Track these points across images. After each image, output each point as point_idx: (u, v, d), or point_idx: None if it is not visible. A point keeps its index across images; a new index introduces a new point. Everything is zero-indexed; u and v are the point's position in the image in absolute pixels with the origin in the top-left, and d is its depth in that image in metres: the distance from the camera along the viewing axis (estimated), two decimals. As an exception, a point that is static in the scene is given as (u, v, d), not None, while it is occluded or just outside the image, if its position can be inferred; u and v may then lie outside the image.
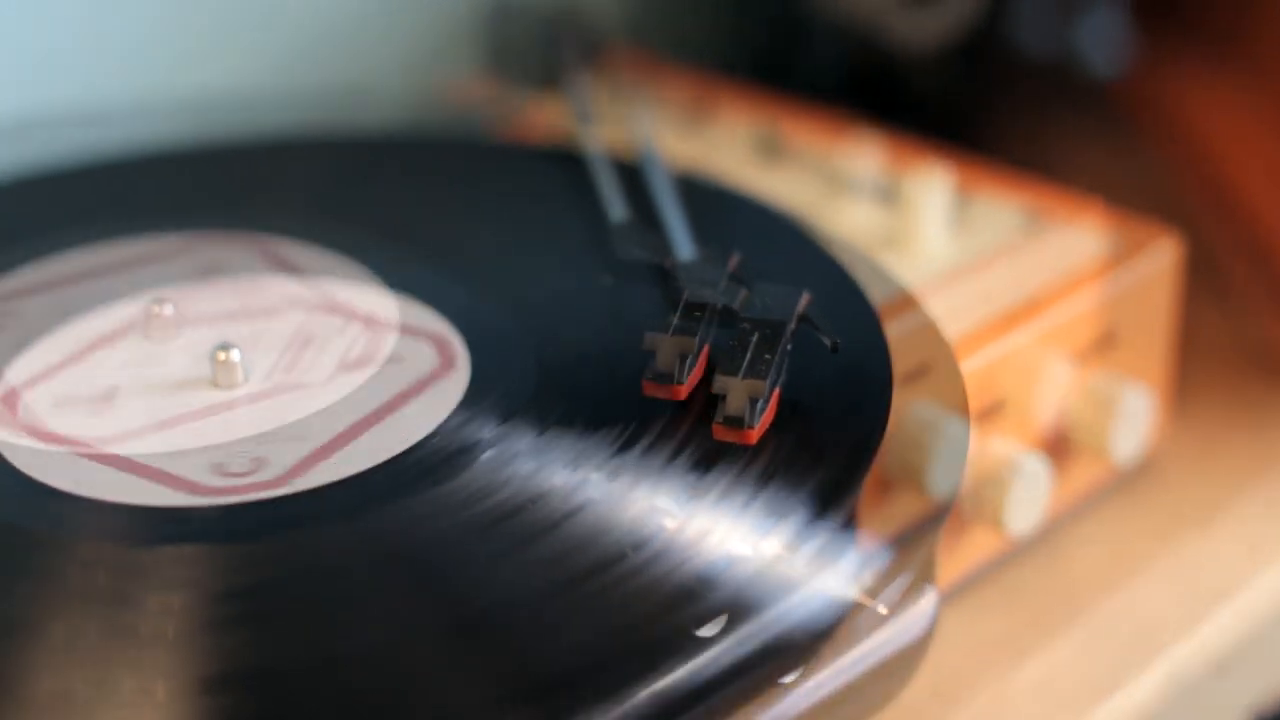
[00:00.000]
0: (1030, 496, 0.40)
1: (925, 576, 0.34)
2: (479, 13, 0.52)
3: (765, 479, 0.33)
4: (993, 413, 0.40)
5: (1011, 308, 0.41)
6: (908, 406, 0.40)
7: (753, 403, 0.34)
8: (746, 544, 0.32)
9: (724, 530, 0.32)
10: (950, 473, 0.39)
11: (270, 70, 0.58)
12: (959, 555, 0.41)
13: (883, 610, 0.32)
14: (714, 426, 0.34)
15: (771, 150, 0.47)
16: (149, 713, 0.29)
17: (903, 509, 0.41)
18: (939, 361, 0.39)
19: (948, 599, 0.41)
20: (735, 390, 0.34)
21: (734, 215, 0.43)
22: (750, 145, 0.48)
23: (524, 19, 0.50)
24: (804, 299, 0.36)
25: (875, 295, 0.39)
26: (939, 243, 0.44)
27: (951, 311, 0.40)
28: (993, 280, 0.42)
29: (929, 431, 0.39)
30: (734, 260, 0.36)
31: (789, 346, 0.35)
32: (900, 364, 0.37)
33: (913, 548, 0.34)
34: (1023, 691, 0.39)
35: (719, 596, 0.31)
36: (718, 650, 0.30)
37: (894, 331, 0.38)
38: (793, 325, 0.35)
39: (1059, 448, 0.42)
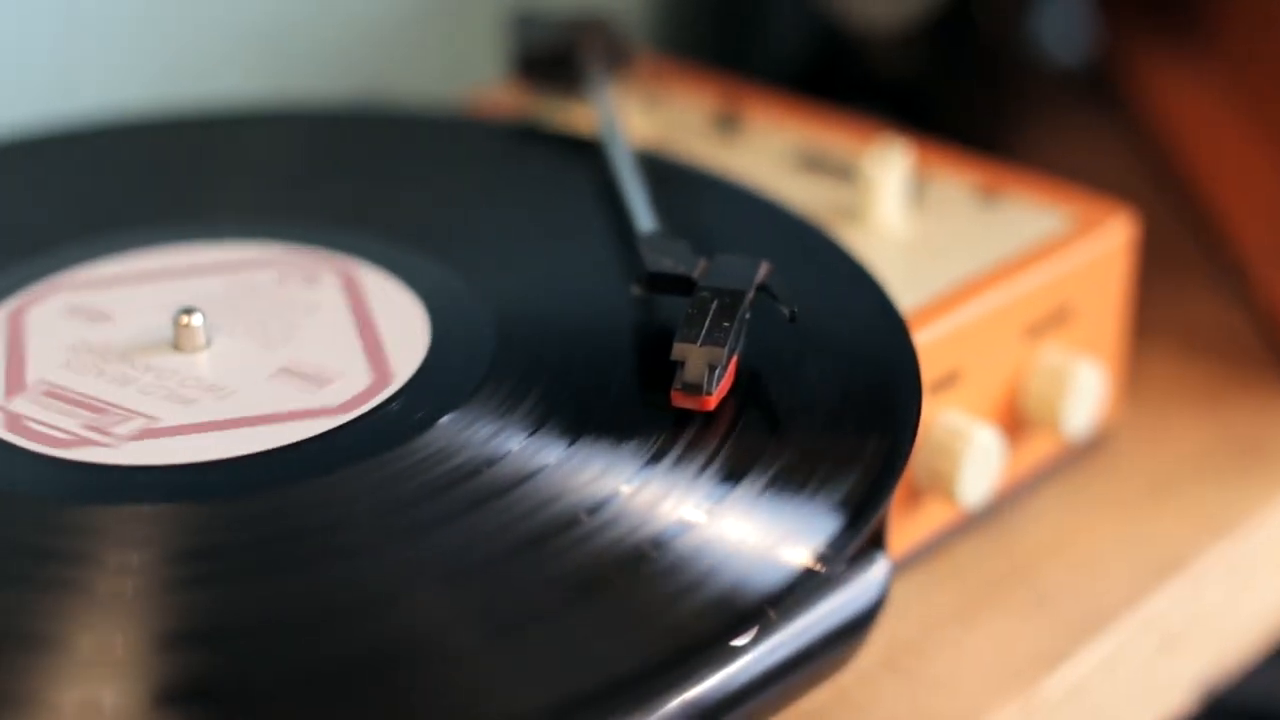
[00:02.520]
0: (983, 469, 0.40)
1: (877, 544, 0.34)
2: (503, 21, 0.52)
3: (795, 488, 0.33)
4: (947, 385, 0.41)
5: (966, 282, 0.41)
6: (935, 415, 0.40)
7: (711, 369, 0.34)
8: (777, 552, 0.32)
9: (753, 538, 0.32)
10: (979, 480, 0.40)
11: (293, 80, 0.58)
12: (912, 525, 0.41)
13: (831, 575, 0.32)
14: (672, 393, 0.34)
15: (803, 159, 0.47)
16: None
17: (930, 517, 0.41)
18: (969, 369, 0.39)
19: (901, 570, 0.41)
20: (694, 357, 0.34)
21: (760, 222, 0.42)
22: (780, 152, 0.48)
23: (548, 27, 0.50)
24: (764, 268, 0.36)
25: (904, 304, 0.39)
26: (896, 218, 0.44)
27: (907, 285, 0.41)
28: (948, 255, 0.43)
29: (958, 440, 0.40)
30: (764, 269, 0.37)
31: (747, 315, 0.35)
32: (927, 372, 0.37)
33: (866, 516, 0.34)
34: (973, 662, 0.39)
35: (749, 603, 0.31)
36: (750, 658, 0.30)
37: (921, 340, 0.38)
38: (751, 294, 0.36)
39: (1012, 421, 0.43)
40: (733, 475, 0.33)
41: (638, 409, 0.35)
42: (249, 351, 0.37)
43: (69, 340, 0.37)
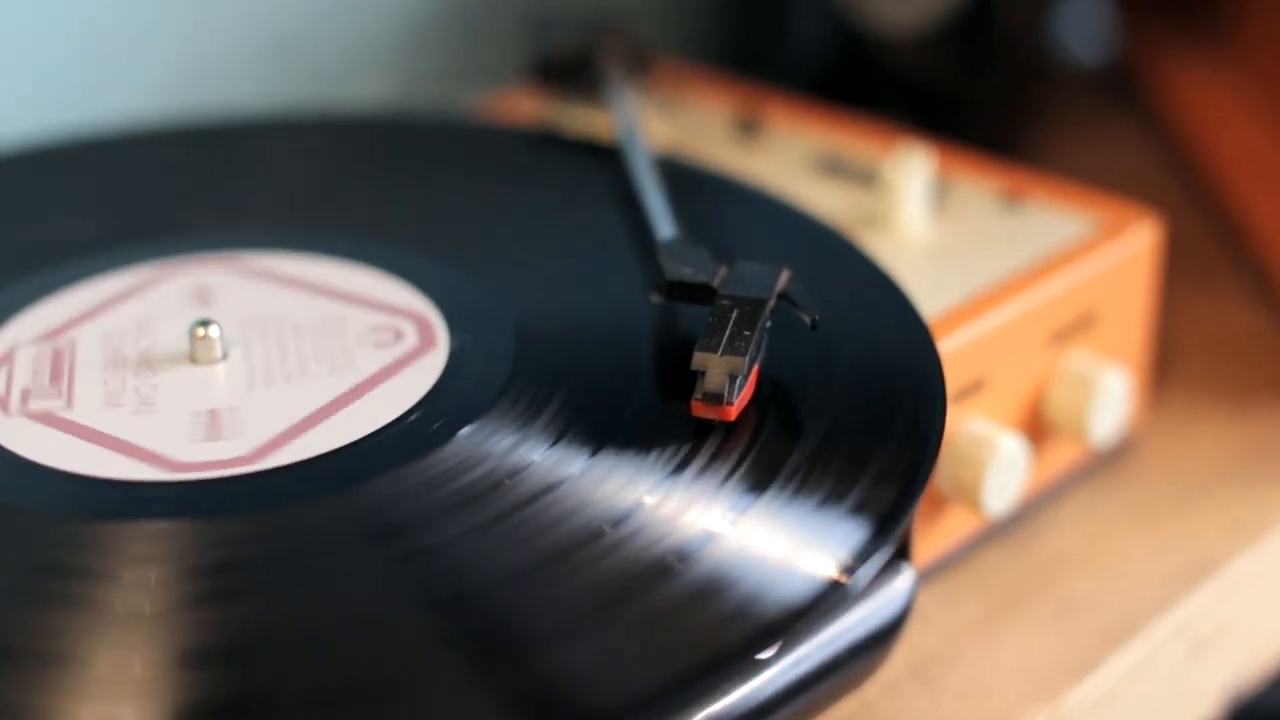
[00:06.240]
0: (1008, 477, 0.40)
1: (902, 554, 0.34)
2: (522, 26, 0.51)
3: (818, 499, 0.33)
4: (971, 393, 0.40)
5: (990, 289, 0.41)
6: (959, 423, 0.40)
7: (731, 379, 0.34)
8: (801, 563, 0.32)
9: (776, 550, 0.32)
10: (1004, 489, 0.40)
11: (312, 87, 0.58)
12: (936, 535, 0.41)
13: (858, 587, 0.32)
14: (692, 403, 0.34)
15: (824, 164, 0.47)
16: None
17: (954, 526, 0.41)
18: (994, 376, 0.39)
19: (926, 580, 0.41)
20: (714, 366, 0.34)
21: (781, 228, 0.42)
22: (800, 157, 0.47)
23: (567, 32, 0.50)
24: (784, 276, 0.36)
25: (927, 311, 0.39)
26: (919, 224, 0.44)
27: (930, 291, 0.41)
28: (972, 261, 0.42)
29: (982, 448, 0.39)
30: (784, 277, 0.36)
31: (768, 324, 0.35)
32: (951, 380, 0.37)
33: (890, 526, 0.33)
34: (999, 672, 0.39)
35: (774, 616, 0.30)
36: (775, 672, 0.30)
37: (945, 347, 0.38)
38: (772, 302, 0.35)
39: (1037, 428, 0.42)
40: (756, 486, 0.33)
41: (659, 419, 0.35)
42: (265, 363, 0.37)
43: (97, 360, 0.37)
